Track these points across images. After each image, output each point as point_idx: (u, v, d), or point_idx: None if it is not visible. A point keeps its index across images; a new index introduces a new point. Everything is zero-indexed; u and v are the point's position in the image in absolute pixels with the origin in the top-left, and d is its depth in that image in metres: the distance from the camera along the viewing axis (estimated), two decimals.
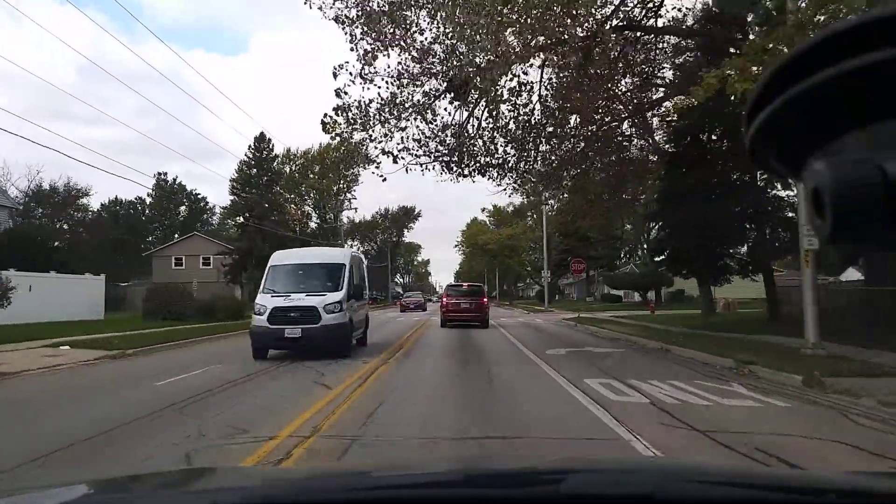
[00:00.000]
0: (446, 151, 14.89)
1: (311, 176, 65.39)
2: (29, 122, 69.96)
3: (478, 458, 4.31)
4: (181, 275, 55.56)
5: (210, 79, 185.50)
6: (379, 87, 14.00)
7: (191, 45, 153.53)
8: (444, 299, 25.28)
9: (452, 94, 13.65)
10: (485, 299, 25.27)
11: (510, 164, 16.09)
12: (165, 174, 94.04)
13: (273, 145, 49.62)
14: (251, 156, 49.07)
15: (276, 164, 51.35)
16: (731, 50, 13.83)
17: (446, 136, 14.53)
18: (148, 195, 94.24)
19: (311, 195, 65.16)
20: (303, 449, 5.74)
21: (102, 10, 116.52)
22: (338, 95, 13.63)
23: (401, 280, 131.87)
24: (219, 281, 49.05)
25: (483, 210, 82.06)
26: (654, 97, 18.44)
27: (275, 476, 2.33)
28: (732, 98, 11.74)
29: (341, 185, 68.82)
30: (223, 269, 49.31)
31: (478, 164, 15.71)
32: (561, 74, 15.18)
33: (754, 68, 9.48)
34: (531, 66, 13.90)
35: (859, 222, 0.44)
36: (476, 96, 13.75)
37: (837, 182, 0.44)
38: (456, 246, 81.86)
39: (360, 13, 12.96)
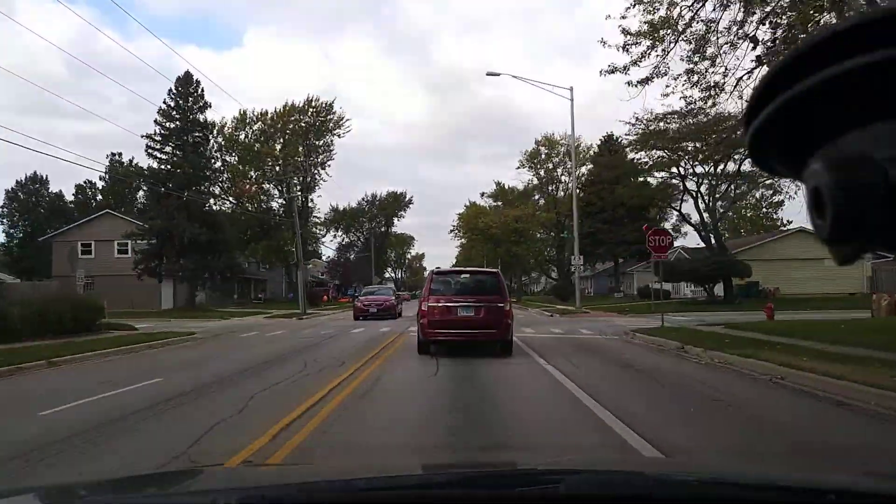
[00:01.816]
0: None
1: (271, 144, 52.80)
2: None
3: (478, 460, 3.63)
4: (89, 265, 42.82)
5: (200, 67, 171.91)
6: None
7: (184, 38, 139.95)
8: (427, 302, 12.49)
9: None
10: (505, 301, 12.61)
11: None
12: (120, 154, 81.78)
13: (203, 91, 36.83)
14: (172, 104, 36.21)
15: (206, 115, 37.81)
16: None
17: None
18: (101, 178, 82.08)
19: (274, 165, 52.29)
20: None
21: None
22: None
23: (392, 275, 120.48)
24: (133, 272, 36.34)
25: (483, 194, 68.84)
26: None
27: (274, 476, 2.24)
28: None
29: (313, 160, 56.33)
30: (136, 256, 36.70)
31: None
32: None
33: None
34: None
35: (859, 222, 0.43)
36: None
37: (837, 182, 0.44)
38: (452, 231, 68.59)
39: None
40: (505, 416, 6.76)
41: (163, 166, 36.40)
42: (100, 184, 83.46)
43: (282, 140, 54.15)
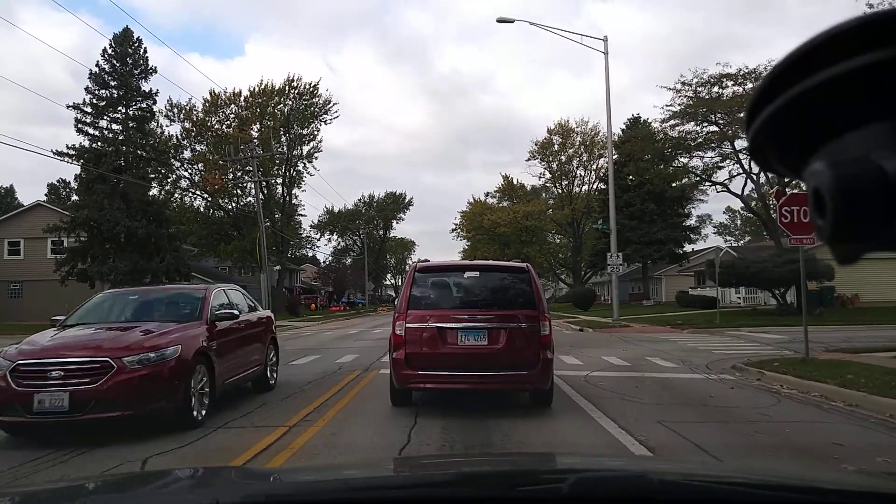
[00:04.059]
0: None
1: (245, 130, 45.92)
2: None
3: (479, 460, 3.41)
4: (16, 269, 36.05)
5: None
6: None
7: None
8: (404, 320, 6.41)
9: None
10: (543, 317, 6.29)
11: None
12: None
13: (146, 51, 29.93)
14: (107, 68, 29.31)
15: (150, 83, 30.61)
16: None
17: None
18: (75, 178, 75.68)
19: (247, 151, 45.36)
20: None
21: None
22: None
23: (392, 282, 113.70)
24: (56, 275, 29.47)
25: (487, 194, 61.73)
26: None
27: (277, 475, 2.27)
28: None
29: (297, 150, 49.49)
30: (59, 257, 29.82)
31: None
32: None
33: None
34: None
35: (860, 222, 0.43)
36: None
37: (838, 182, 0.44)
38: (454, 230, 61.45)
39: None
40: None
41: (94, 144, 29.51)
42: (74, 184, 77.02)
43: (258, 126, 47.30)
